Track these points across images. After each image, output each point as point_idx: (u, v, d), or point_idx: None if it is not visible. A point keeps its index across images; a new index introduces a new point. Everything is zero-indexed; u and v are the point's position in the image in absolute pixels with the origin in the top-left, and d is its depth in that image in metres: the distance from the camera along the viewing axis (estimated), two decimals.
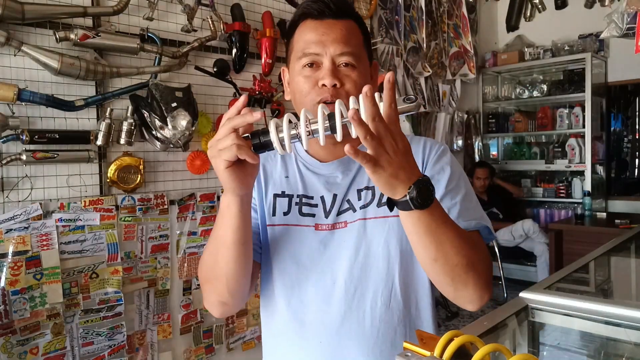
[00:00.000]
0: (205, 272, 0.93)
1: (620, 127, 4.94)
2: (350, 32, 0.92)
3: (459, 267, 0.79)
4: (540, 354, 1.04)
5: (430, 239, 0.76)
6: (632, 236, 1.94)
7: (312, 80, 0.91)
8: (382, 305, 0.93)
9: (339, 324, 0.93)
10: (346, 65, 0.91)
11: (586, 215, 4.17)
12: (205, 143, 2.50)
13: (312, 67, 0.91)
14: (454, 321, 3.84)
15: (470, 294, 0.83)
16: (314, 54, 0.91)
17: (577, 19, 4.74)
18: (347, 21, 0.93)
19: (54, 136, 1.93)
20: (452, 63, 4.45)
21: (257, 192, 1.01)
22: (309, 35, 0.92)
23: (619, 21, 1.94)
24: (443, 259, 0.78)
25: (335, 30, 0.91)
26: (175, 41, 2.38)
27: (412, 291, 0.97)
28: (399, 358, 0.61)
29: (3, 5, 1.74)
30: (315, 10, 0.92)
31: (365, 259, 0.94)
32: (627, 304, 0.96)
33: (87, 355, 2.05)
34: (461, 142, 4.73)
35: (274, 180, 1.02)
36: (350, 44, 0.91)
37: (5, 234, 1.84)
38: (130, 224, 2.22)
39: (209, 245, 0.91)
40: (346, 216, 0.96)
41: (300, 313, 0.96)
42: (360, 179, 0.98)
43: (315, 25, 0.92)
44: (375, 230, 0.94)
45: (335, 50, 0.90)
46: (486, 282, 0.84)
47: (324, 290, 0.94)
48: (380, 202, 0.96)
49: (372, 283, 0.94)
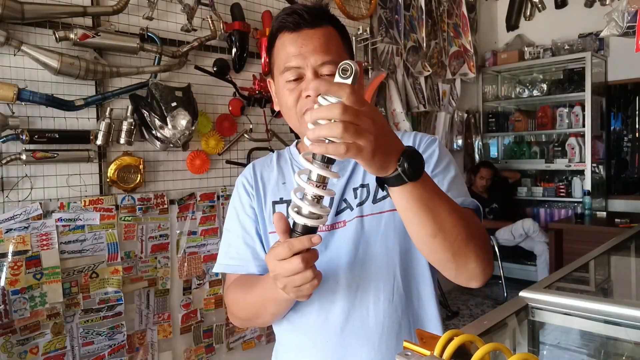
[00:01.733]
0: (241, 315, 1.00)
1: (620, 126, 4.94)
2: (328, 40, 0.92)
3: (458, 240, 0.78)
4: (540, 353, 1.04)
5: (426, 212, 0.74)
6: (632, 235, 1.94)
7: (296, 92, 0.92)
8: (384, 300, 0.94)
9: (344, 322, 0.94)
10: (330, 75, 0.90)
11: (586, 215, 4.17)
12: (205, 142, 2.50)
13: (296, 80, 0.92)
14: (454, 320, 3.84)
15: (472, 269, 0.82)
16: (295, 67, 0.91)
17: (577, 18, 4.74)
18: (324, 28, 0.93)
19: (53, 136, 1.93)
20: (452, 62, 4.45)
21: (256, 202, 1.02)
22: (288, 49, 0.92)
23: (619, 20, 1.94)
24: (442, 234, 0.76)
25: (313, 40, 0.91)
26: (175, 41, 2.38)
27: (414, 283, 0.98)
28: (399, 357, 0.61)
29: (3, 5, 1.74)
30: (291, 23, 0.92)
31: (364, 256, 0.95)
32: (627, 303, 0.96)
33: (87, 355, 2.06)
34: (461, 142, 4.73)
35: (271, 188, 1.03)
36: (330, 52, 0.91)
37: (5, 233, 1.84)
38: (130, 224, 2.22)
39: (250, 297, 0.94)
40: (344, 215, 0.97)
41: (305, 315, 0.97)
42: (356, 177, 0.99)
43: (293, 38, 0.92)
44: (372, 226, 0.95)
45: (316, 61, 0.90)
46: (488, 255, 0.84)
47: (326, 291, 0.95)
48: (375, 198, 0.97)
49: (374, 279, 0.95)
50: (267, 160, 1.10)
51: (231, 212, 1.06)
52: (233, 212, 1.05)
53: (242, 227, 1.02)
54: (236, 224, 1.03)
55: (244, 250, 1.01)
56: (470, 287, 0.87)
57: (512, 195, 4.97)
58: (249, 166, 1.10)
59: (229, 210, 1.08)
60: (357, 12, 3.42)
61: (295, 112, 0.93)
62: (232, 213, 1.06)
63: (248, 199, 1.03)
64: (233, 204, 1.06)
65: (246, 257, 1.00)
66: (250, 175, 1.06)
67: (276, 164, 1.07)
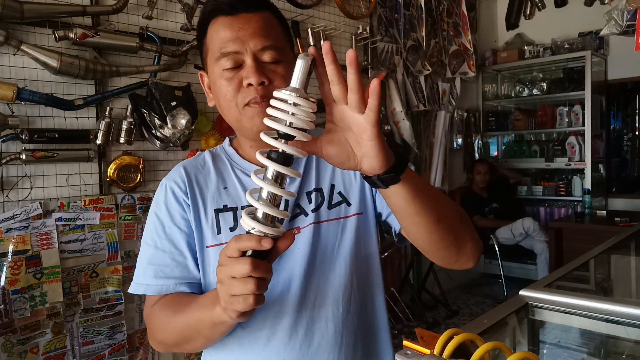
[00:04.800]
0: (167, 340, 0.86)
1: (620, 125, 4.94)
2: (268, 25, 0.84)
3: (456, 220, 0.77)
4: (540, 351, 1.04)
5: (430, 197, 0.73)
6: (632, 234, 1.95)
7: (235, 81, 0.82)
8: (343, 311, 0.88)
9: (303, 336, 0.86)
10: (272, 62, 0.83)
11: (586, 214, 4.17)
12: (205, 142, 2.50)
13: (234, 68, 0.82)
14: (454, 319, 3.84)
15: (470, 248, 0.81)
16: (233, 52, 0.82)
17: (577, 16, 4.74)
18: (262, 13, 0.84)
19: (53, 135, 1.93)
20: (451, 61, 4.44)
21: (192, 211, 0.88)
22: (224, 33, 0.82)
23: (618, 18, 1.94)
24: (444, 217, 0.75)
25: (251, 24, 0.82)
26: (174, 40, 2.38)
27: (369, 291, 0.93)
28: (399, 356, 0.61)
29: (2, 5, 1.73)
30: (226, 5, 0.83)
31: (321, 264, 0.88)
32: (626, 302, 0.96)
33: (88, 354, 2.06)
34: (461, 141, 4.73)
35: (211, 194, 0.90)
36: (270, 37, 0.83)
37: (5, 233, 1.84)
38: (130, 223, 2.22)
39: (180, 319, 0.81)
40: (298, 222, 0.89)
41: (255, 332, 0.86)
42: (309, 180, 0.91)
43: (229, 22, 0.82)
44: (329, 233, 0.89)
45: (255, 46, 0.81)
46: (475, 233, 0.84)
47: (280, 303, 0.86)
48: (330, 203, 0.91)
49: (332, 289, 0.88)
50: (200, 162, 0.95)
51: (154, 223, 0.91)
52: (157, 223, 0.90)
53: (170, 240, 0.88)
54: (161, 238, 0.89)
55: (171, 268, 0.87)
56: (468, 267, 0.85)
57: (512, 194, 4.97)
58: (177, 169, 0.94)
59: (150, 219, 0.92)
60: (356, 11, 3.42)
61: (235, 104, 0.83)
62: (154, 224, 0.90)
63: (179, 209, 0.89)
64: (156, 214, 0.91)
65: (174, 276, 0.87)
66: (182, 180, 0.91)
67: (212, 167, 0.93)
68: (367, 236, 0.93)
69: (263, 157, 0.63)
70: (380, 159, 0.64)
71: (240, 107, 0.83)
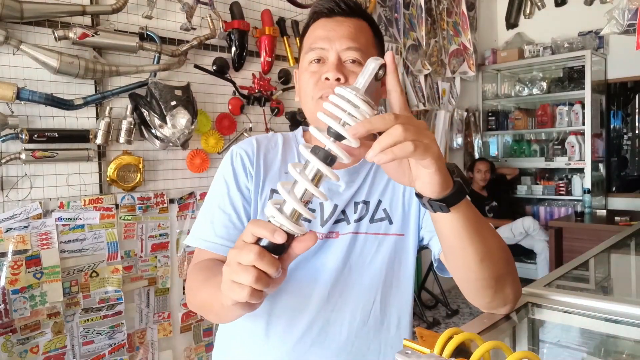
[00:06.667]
0: (194, 303, 0.87)
1: (620, 124, 4.93)
2: (358, 30, 0.91)
3: (500, 262, 0.74)
4: (540, 351, 1.03)
5: (478, 233, 0.70)
6: (632, 233, 1.94)
7: (317, 76, 0.89)
8: (360, 321, 0.90)
9: (316, 334, 0.89)
10: (353, 61, 0.88)
11: (586, 213, 4.17)
12: (205, 141, 2.50)
13: (319, 62, 0.90)
14: (454, 319, 3.85)
15: (507, 294, 0.79)
16: (320, 48, 0.89)
17: (577, 16, 4.74)
18: (357, 19, 0.92)
19: (53, 135, 1.93)
20: (451, 61, 4.44)
21: (253, 183, 0.92)
22: (319, 32, 0.91)
23: (619, 17, 1.93)
24: (489, 256, 0.72)
25: (343, 27, 0.90)
26: (174, 39, 2.37)
27: (395, 311, 0.94)
28: (399, 356, 0.61)
29: (2, 4, 1.73)
30: (325, 9, 0.92)
31: (350, 273, 0.91)
32: (627, 301, 0.96)
33: (88, 354, 2.06)
34: (461, 140, 4.73)
35: (273, 173, 0.94)
36: (358, 41, 0.89)
37: (5, 233, 1.84)
38: (130, 223, 2.22)
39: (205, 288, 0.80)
40: (339, 227, 0.92)
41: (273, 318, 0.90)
42: (361, 192, 0.95)
43: (324, 23, 0.92)
44: (365, 245, 0.92)
45: (341, 45, 0.88)
46: (518, 278, 0.81)
47: (304, 298, 0.90)
48: (373, 217, 0.93)
49: (354, 298, 0.90)
50: (272, 141, 0.99)
51: (220, 184, 0.94)
52: (223, 184, 0.93)
53: (232, 204, 0.91)
54: (225, 200, 0.92)
55: (228, 230, 0.90)
56: (500, 313, 0.82)
57: (511, 192, 4.97)
58: (251, 140, 0.98)
59: (217, 180, 0.95)
60: None
61: (312, 97, 0.89)
62: (221, 185, 0.93)
63: (245, 177, 0.93)
64: (224, 176, 0.94)
65: (229, 238, 0.89)
66: (253, 151, 0.95)
67: (281, 149, 0.97)
68: (402, 258, 0.94)
69: (307, 151, 0.60)
70: (433, 186, 0.63)
71: (315, 100, 0.88)
